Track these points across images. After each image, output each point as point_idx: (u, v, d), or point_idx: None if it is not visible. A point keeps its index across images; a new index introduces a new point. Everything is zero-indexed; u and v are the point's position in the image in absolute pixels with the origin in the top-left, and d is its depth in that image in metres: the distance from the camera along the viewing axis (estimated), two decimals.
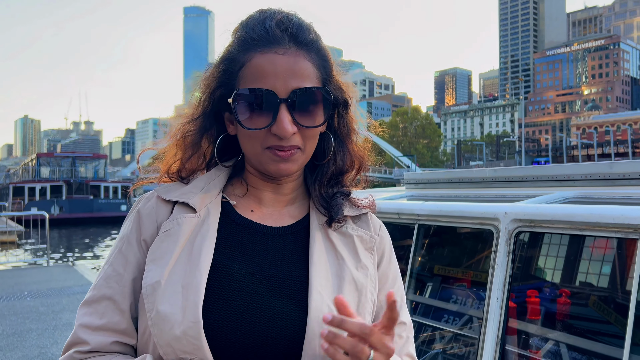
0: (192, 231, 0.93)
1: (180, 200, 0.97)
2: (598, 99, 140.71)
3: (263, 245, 0.96)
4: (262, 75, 0.90)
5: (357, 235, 1.00)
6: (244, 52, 0.94)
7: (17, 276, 10.27)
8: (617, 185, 2.47)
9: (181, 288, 0.86)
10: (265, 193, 1.02)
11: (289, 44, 0.92)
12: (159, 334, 0.85)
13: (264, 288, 0.90)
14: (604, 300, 2.26)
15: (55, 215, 34.77)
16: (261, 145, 0.93)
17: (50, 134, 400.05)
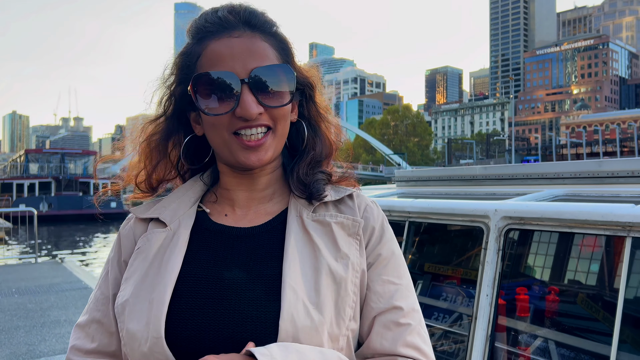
0: (161, 245, 0.91)
1: (152, 216, 0.96)
2: (587, 98, 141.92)
3: (235, 248, 0.91)
4: (220, 59, 0.88)
5: (336, 222, 0.92)
6: (199, 43, 0.91)
7: (5, 273, 10.17)
8: (605, 183, 2.49)
9: (147, 303, 0.84)
10: (238, 193, 0.97)
11: (243, 28, 0.90)
12: (130, 353, 0.83)
13: (233, 292, 0.85)
14: (592, 297, 2.28)
15: (44, 211, 34.49)
16: (227, 131, 0.88)
17: (39, 130, 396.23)
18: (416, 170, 3.67)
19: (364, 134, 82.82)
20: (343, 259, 0.88)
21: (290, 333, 0.80)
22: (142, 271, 0.89)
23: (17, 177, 43.02)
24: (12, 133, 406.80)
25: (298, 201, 0.96)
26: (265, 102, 0.88)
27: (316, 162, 0.99)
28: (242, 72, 0.87)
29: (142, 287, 0.87)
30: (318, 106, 1.01)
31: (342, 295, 0.86)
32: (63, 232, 28.95)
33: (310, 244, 0.89)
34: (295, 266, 0.86)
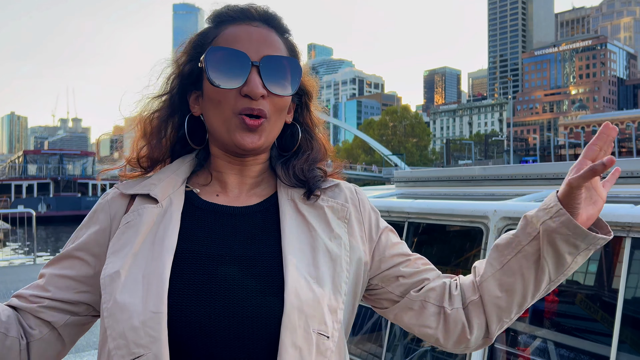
0: (154, 221, 0.92)
1: (141, 192, 0.96)
2: (585, 99, 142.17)
3: (231, 226, 0.94)
4: (236, 40, 0.93)
5: (328, 205, 0.98)
6: (218, 26, 0.97)
7: (3, 274, 10.15)
8: None
9: (141, 278, 0.84)
10: (230, 177, 1.00)
11: (261, 22, 0.97)
12: (113, 325, 0.82)
13: (235, 269, 0.88)
14: (591, 298, 2.28)
15: (42, 213, 34.42)
16: (232, 110, 0.92)
17: (37, 131, 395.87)
18: (415, 171, 3.67)
19: (363, 134, 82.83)
20: (336, 239, 0.95)
21: (296, 305, 0.84)
22: (133, 245, 0.89)
23: (15, 178, 42.94)
24: (11, 134, 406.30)
25: (288, 188, 1.00)
26: (270, 87, 0.92)
27: (313, 160, 1.04)
28: (254, 55, 0.92)
29: (134, 261, 0.87)
30: (313, 115, 1.08)
31: (338, 271, 0.92)
32: (61, 233, 28.91)
33: (306, 224, 0.95)
34: (293, 244, 0.91)
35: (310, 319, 0.85)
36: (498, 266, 0.93)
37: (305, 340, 0.83)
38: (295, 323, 0.83)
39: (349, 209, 1.00)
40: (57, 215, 36.70)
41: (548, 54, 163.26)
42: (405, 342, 2.83)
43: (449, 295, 0.98)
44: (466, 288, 0.98)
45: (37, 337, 0.93)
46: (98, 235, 0.95)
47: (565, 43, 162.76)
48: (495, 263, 0.94)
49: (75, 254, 0.96)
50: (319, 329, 0.85)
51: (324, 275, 0.89)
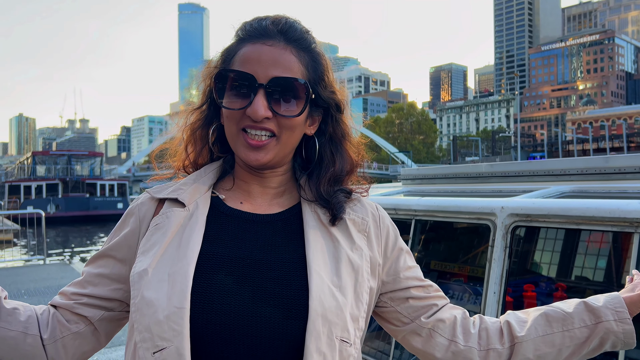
0: (181, 224, 0.96)
1: (170, 196, 1.00)
2: (593, 93, 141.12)
3: (253, 232, 0.97)
4: (246, 61, 0.95)
5: (350, 218, 1.01)
6: (239, 43, 1.00)
7: (14, 275, 10.25)
8: (612, 179, 2.49)
9: (167, 276, 0.89)
10: (252, 186, 1.03)
11: (278, 38, 0.97)
12: (140, 319, 0.87)
13: (255, 272, 0.91)
14: (599, 294, 2.28)
15: (51, 213, 34.66)
16: (236, 126, 0.96)
17: (45, 132, 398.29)
18: (422, 169, 3.67)
19: (369, 132, 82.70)
20: (357, 250, 0.98)
21: (320, 312, 0.86)
22: (161, 245, 0.93)
23: (24, 179, 43.24)
24: (19, 135, 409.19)
25: (312, 203, 1.02)
26: (276, 109, 0.94)
27: (336, 178, 1.05)
28: (262, 77, 0.94)
29: (161, 261, 0.91)
30: (343, 126, 1.07)
31: (360, 281, 0.95)
32: (70, 234, 29.11)
33: (329, 235, 0.98)
34: (317, 253, 0.94)
35: (334, 326, 0.87)
36: (541, 333, 0.99)
37: (329, 346, 0.86)
38: (319, 329, 0.86)
39: (368, 223, 1.02)
40: (66, 215, 36.97)
41: (555, 49, 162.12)
42: None
43: (462, 330, 1.01)
44: (492, 333, 1.01)
45: (73, 331, 0.99)
46: (128, 237, 1.01)
47: (572, 38, 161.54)
48: (539, 329, 0.99)
49: (109, 253, 1.02)
50: (342, 336, 0.88)
51: (347, 284, 0.92)
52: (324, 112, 1.05)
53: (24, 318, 0.97)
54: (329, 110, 1.05)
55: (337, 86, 1.05)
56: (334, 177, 1.04)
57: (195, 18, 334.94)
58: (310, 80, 0.98)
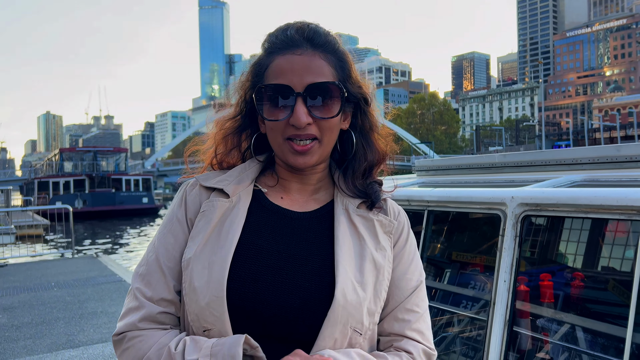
0: (224, 214, 1.04)
1: (217, 186, 1.08)
2: (621, 79, 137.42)
3: (290, 227, 1.06)
4: (281, 73, 1.02)
5: (377, 219, 1.09)
6: (268, 56, 1.07)
7: (44, 268, 10.57)
8: (624, 167, 2.48)
9: (208, 264, 0.98)
10: (292, 184, 1.12)
11: (305, 46, 1.04)
12: (188, 303, 0.98)
13: (289, 265, 1.01)
14: (609, 282, 2.29)
15: (79, 208, 35.52)
16: (282, 136, 1.03)
17: (72, 129, 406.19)
18: (436, 160, 3.70)
19: (390, 123, 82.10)
20: (382, 251, 1.06)
21: (342, 303, 0.96)
22: (205, 233, 1.02)
23: (52, 175, 44.31)
24: (47, 133, 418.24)
25: (345, 197, 1.10)
26: (315, 113, 1.02)
27: (369, 170, 1.14)
28: (298, 86, 1.01)
29: (203, 249, 1.00)
30: (371, 118, 1.14)
31: (380, 279, 1.04)
32: (97, 228, 29.76)
33: (356, 234, 1.06)
34: (345, 250, 1.02)
35: (351, 317, 0.97)
36: None
37: (342, 333, 0.96)
38: (337, 319, 0.96)
39: (394, 225, 1.11)
40: (93, 210, 37.82)
41: (581, 34, 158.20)
42: None
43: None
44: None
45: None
46: (190, 225, 1.08)
47: (598, 23, 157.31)
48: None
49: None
50: (356, 326, 0.98)
51: (368, 281, 1.01)
52: (354, 107, 1.12)
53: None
54: (358, 104, 1.12)
55: (362, 80, 1.12)
56: (368, 168, 1.13)
57: (215, 13, 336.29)
58: (340, 79, 1.05)
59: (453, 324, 2.80)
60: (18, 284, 8.80)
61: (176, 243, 1.05)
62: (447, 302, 2.85)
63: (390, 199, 1.16)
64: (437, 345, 2.82)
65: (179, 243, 1.05)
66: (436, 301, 2.90)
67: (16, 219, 19.44)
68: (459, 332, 2.74)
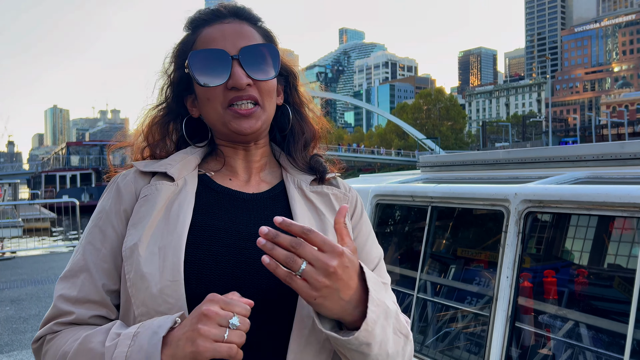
0: (170, 198, 0.97)
1: (159, 170, 1.01)
2: (629, 75, 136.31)
3: (245, 208, 1.01)
4: (212, 40, 1.00)
5: (332, 193, 1.08)
6: (194, 31, 1.05)
7: (51, 261, 10.67)
8: (628, 165, 2.48)
9: (158, 250, 0.90)
10: (237, 161, 1.07)
11: (232, 17, 1.04)
12: (135, 293, 0.88)
13: (250, 244, 0.93)
14: (611, 278, 2.30)
15: (85, 202, 35.64)
16: (221, 105, 1.00)
17: (78, 123, 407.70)
18: (440, 155, 3.70)
19: (396, 119, 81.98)
20: None
21: None
22: (150, 218, 0.94)
23: (59, 169, 44.59)
24: (54, 127, 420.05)
25: (294, 175, 1.09)
26: (253, 75, 1.00)
27: (308, 144, 1.14)
28: (232, 50, 0.99)
29: (151, 234, 0.92)
30: (301, 95, 1.15)
31: None
32: None
33: (314, 210, 1.04)
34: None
35: None
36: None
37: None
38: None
39: (348, 197, 1.11)
40: None
41: (589, 30, 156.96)
42: (430, 321, 2.90)
43: None
44: None
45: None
46: (124, 217, 1.00)
47: (607, 18, 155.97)
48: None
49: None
50: None
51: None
52: (284, 82, 1.12)
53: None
54: (288, 79, 1.12)
55: (288, 56, 1.12)
56: (307, 143, 1.12)
57: None
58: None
59: (457, 319, 2.81)
60: (25, 277, 8.89)
61: (105, 238, 0.96)
62: (452, 298, 2.86)
63: (340, 177, 1.16)
64: (440, 341, 2.84)
65: (109, 238, 0.96)
66: (440, 297, 2.91)
67: (23, 212, 19.59)
68: (462, 327, 2.76)
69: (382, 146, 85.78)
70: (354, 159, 65.05)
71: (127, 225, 0.96)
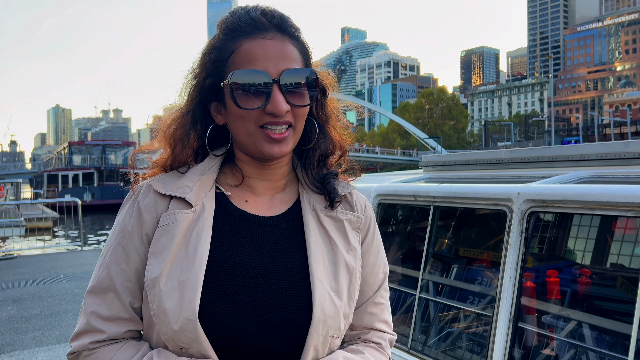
0: (189, 227, 0.97)
1: (177, 195, 1.00)
2: (632, 75, 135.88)
3: (260, 236, 1.01)
4: (254, 59, 0.96)
5: (346, 218, 1.08)
6: (233, 40, 0.99)
7: (53, 260, 10.66)
8: (632, 164, 2.47)
9: (178, 284, 0.92)
10: (256, 181, 1.06)
11: (275, 31, 0.98)
12: (160, 325, 0.92)
13: (264, 281, 0.97)
14: (614, 278, 2.28)
15: (87, 201, 35.79)
16: (255, 124, 0.97)
17: (81, 123, 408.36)
18: (442, 155, 3.69)
19: (398, 118, 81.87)
20: (352, 251, 1.06)
21: (321, 319, 0.95)
22: (170, 250, 0.95)
23: (62, 168, 44.64)
24: (56, 126, 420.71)
25: (310, 194, 1.08)
26: (292, 101, 0.97)
27: (323, 159, 1.11)
28: (274, 72, 0.96)
29: (171, 267, 0.94)
30: (327, 110, 1.11)
31: (353, 282, 1.04)
32: (106, 221, 29.96)
33: (328, 239, 1.04)
34: (318, 259, 1.01)
35: (330, 328, 0.97)
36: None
37: (323, 344, 0.97)
38: (319, 332, 0.96)
39: (362, 221, 1.10)
40: (102, 204, 38.05)
41: (592, 29, 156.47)
42: (435, 323, 2.89)
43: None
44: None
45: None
46: (146, 241, 1.01)
47: (610, 17, 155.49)
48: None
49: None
50: (334, 334, 0.99)
51: (343, 287, 1.01)
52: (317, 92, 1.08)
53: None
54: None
55: (319, 70, 1.07)
56: (322, 157, 1.10)
57: (223, 7, 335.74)
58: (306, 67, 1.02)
59: (459, 319, 2.80)
60: (27, 276, 8.89)
61: (129, 260, 0.98)
62: (454, 298, 2.85)
63: (356, 191, 1.14)
64: (442, 341, 2.83)
65: (133, 260, 0.98)
66: (443, 297, 2.90)
67: (26, 211, 19.60)
68: (465, 327, 2.74)
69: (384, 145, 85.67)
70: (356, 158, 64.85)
71: (148, 252, 0.98)
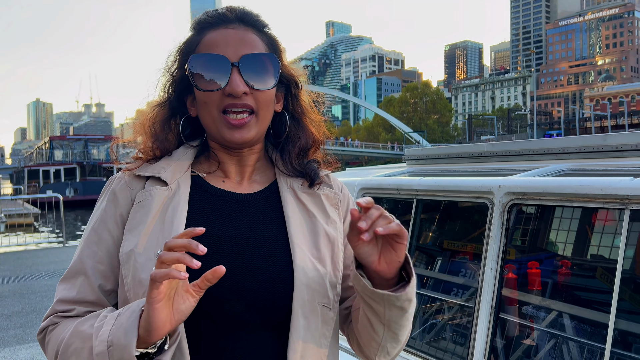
0: (164, 203, 1.00)
1: (152, 174, 1.03)
2: (612, 69, 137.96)
3: (237, 210, 1.03)
4: (215, 45, 1.01)
5: (324, 193, 1.11)
6: (199, 33, 1.05)
7: (34, 257, 10.53)
8: (610, 157, 2.51)
9: (154, 256, 0.92)
10: (230, 166, 1.09)
11: (238, 23, 1.04)
12: (133, 298, 0.92)
13: (243, 248, 0.98)
14: (592, 269, 2.33)
15: (69, 197, 35.31)
16: (217, 109, 1.00)
17: (62, 117, 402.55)
18: (425, 149, 3.71)
19: (383, 112, 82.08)
20: (332, 223, 1.08)
21: (304, 282, 0.96)
22: (145, 224, 0.97)
23: (43, 164, 44.00)
24: (37, 120, 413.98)
25: (287, 178, 1.10)
26: (251, 84, 1.00)
27: (304, 151, 1.13)
28: (233, 57, 1.00)
29: (147, 240, 0.96)
30: (302, 103, 1.14)
31: (336, 252, 1.05)
32: (88, 217, 29.60)
33: (306, 211, 1.07)
34: (297, 229, 1.03)
35: (316, 293, 0.98)
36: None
37: (312, 312, 0.97)
38: (304, 297, 0.96)
39: (339, 197, 1.13)
40: (84, 199, 37.57)
41: (573, 24, 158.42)
42: (419, 315, 2.92)
43: None
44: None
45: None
46: (120, 222, 1.03)
47: (591, 12, 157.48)
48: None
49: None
50: (323, 302, 0.99)
51: (325, 255, 1.02)
52: (285, 90, 1.12)
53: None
54: (289, 87, 1.12)
55: (292, 65, 1.12)
56: (302, 149, 1.12)
57: (207, 2, 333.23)
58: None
59: (443, 311, 2.83)
60: (8, 273, 8.77)
61: (101, 241, 1.00)
62: (438, 290, 2.88)
63: (333, 175, 1.17)
64: (426, 333, 2.86)
65: (105, 241, 1.00)
66: (427, 289, 2.93)
67: (6, 207, 19.30)
68: (448, 319, 2.78)
69: (369, 139, 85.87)
70: (342, 152, 65.19)
71: (124, 230, 0.99)
